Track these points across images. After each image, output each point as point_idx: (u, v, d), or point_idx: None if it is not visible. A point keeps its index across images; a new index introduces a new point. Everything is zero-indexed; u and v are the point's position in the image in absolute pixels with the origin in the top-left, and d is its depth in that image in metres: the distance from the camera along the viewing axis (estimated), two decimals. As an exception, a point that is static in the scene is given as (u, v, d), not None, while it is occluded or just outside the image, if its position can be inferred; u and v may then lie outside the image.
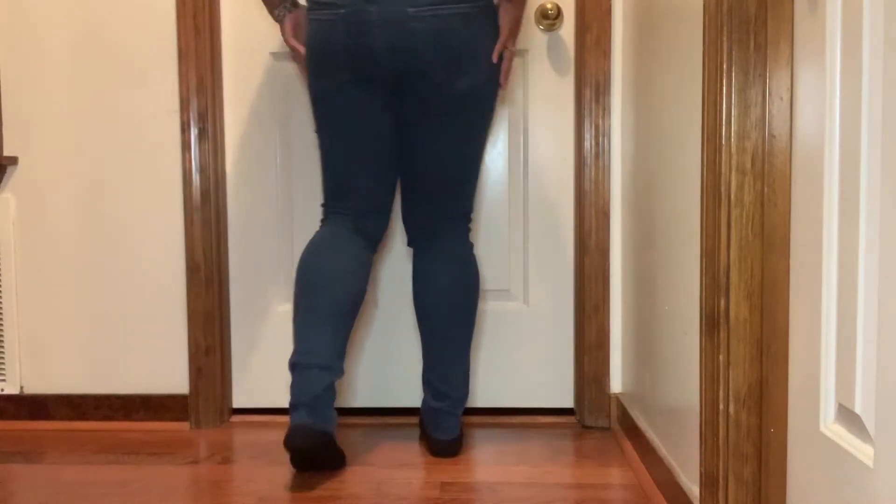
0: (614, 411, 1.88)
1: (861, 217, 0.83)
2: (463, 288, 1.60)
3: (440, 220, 1.61)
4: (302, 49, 1.57)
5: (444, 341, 1.62)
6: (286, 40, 1.60)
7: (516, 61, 1.92)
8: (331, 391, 1.49)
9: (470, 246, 1.64)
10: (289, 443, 1.44)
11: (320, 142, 1.61)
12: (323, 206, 1.64)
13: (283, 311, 1.98)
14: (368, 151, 1.57)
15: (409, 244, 1.66)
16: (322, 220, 1.64)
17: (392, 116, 1.57)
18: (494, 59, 1.50)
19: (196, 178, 1.88)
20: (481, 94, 1.55)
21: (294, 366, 1.49)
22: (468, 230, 1.65)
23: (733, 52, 1.05)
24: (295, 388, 1.47)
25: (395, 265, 1.96)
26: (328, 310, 1.50)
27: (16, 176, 1.94)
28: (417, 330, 1.96)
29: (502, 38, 1.51)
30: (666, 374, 1.44)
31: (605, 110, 1.85)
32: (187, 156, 1.87)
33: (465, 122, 1.55)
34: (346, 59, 1.49)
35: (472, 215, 1.67)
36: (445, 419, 1.65)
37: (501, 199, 1.95)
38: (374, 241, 1.63)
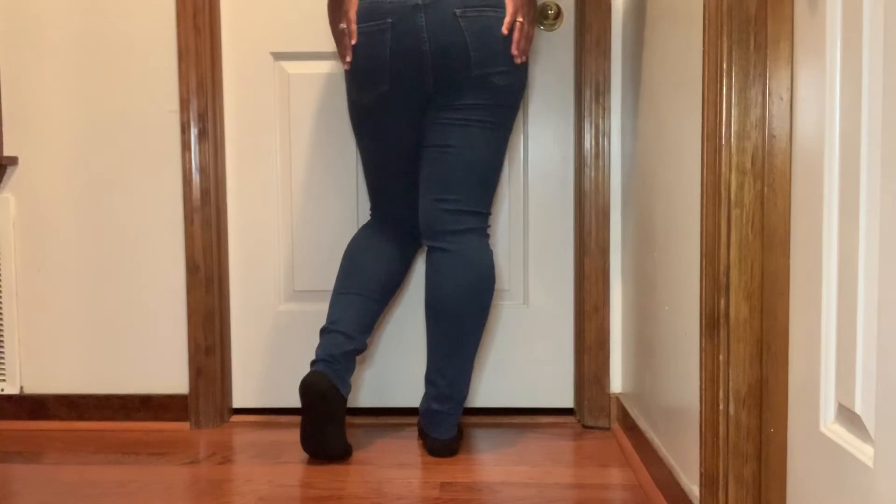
0: (614, 411, 1.88)
1: (861, 217, 0.83)
2: (477, 293, 1.60)
3: (462, 217, 1.61)
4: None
5: (452, 344, 1.62)
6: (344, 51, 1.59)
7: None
8: (349, 358, 1.63)
9: (490, 251, 1.63)
10: (302, 387, 1.57)
11: (360, 151, 1.72)
12: (371, 207, 1.77)
13: (283, 311, 1.98)
14: (406, 160, 1.67)
15: (425, 241, 1.66)
16: (370, 214, 1.78)
17: (421, 124, 1.63)
18: (504, 31, 1.52)
19: (196, 178, 1.88)
20: (513, 95, 1.59)
21: (322, 331, 1.66)
22: (487, 234, 1.66)
23: (733, 52, 1.05)
24: (318, 349, 1.63)
25: (395, 265, 1.96)
26: (357, 288, 1.67)
27: (16, 176, 1.94)
28: (419, 330, 1.97)
29: (510, 12, 1.53)
30: (666, 374, 1.44)
31: (605, 110, 1.85)
32: (187, 156, 1.88)
33: (497, 118, 1.59)
34: (391, 67, 1.53)
35: (490, 219, 1.68)
36: (445, 420, 1.65)
37: (501, 199, 1.95)
38: (417, 235, 1.75)
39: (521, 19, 1.53)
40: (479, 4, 1.51)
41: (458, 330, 1.60)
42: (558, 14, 1.87)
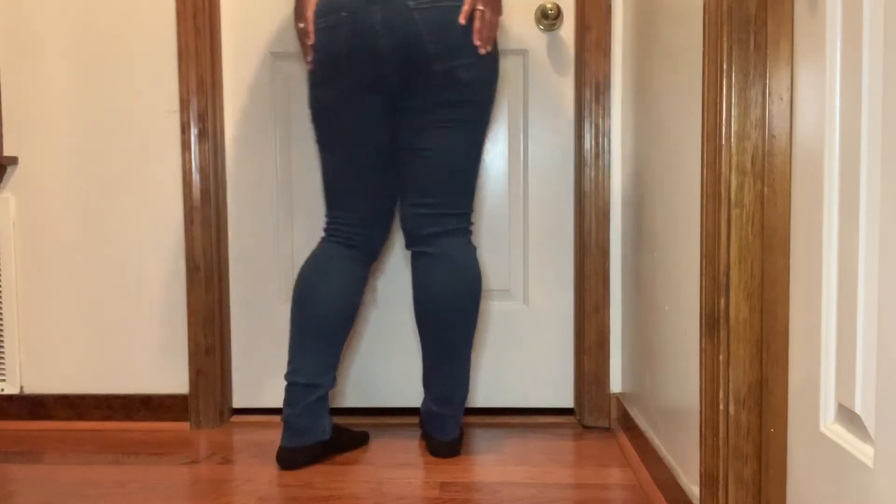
0: (614, 411, 1.88)
1: (861, 217, 0.83)
2: (464, 294, 1.59)
3: (441, 219, 1.60)
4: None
5: (445, 347, 1.61)
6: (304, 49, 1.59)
7: (516, 59, 1.92)
8: (318, 404, 1.59)
9: (472, 249, 1.63)
10: (279, 463, 1.61)
11: (321, 154, 1.64)
12: (327, 216, 1.67)
13: (283, 311, 1.98)
14: (369, 163, 1.60)
15: (408, 247, 1.65)
16: (325, 230, 1.67)
17: (391, 126, 1.59)
18: (462, 20, 1.48)
19: (196, 178, 1.88)
20: (482, 89, 1.55)
21: (286, 378, 1.61)
22: (469, 232, 1.64)
23: (733, 52, 1.05)
24: (284, 404, 1.60)
25: (395, 266, 1.96)
26: (316, 330, 1.59)
27: (16, 176, 1.94)
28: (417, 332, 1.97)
29: (468, 0, 1.47)
30: (666, 374, 1.44)
31: (605, 110, 1.85)
32: (187, 156, 1.87)
33: (468, 115, 1.56)
34: (350, 63, 1.50)
35: (473, 217, 1.66)
36: (446, 421, 1.65)
37: (501, 199, 1.95)
38: (373, 252, 1.67)
39: (480, 7, 1.48)
40: None
41: (449, 332, 1.60)
42: (558, 14, 1.87)
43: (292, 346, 1.60)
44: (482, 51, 1.51)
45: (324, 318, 1.59)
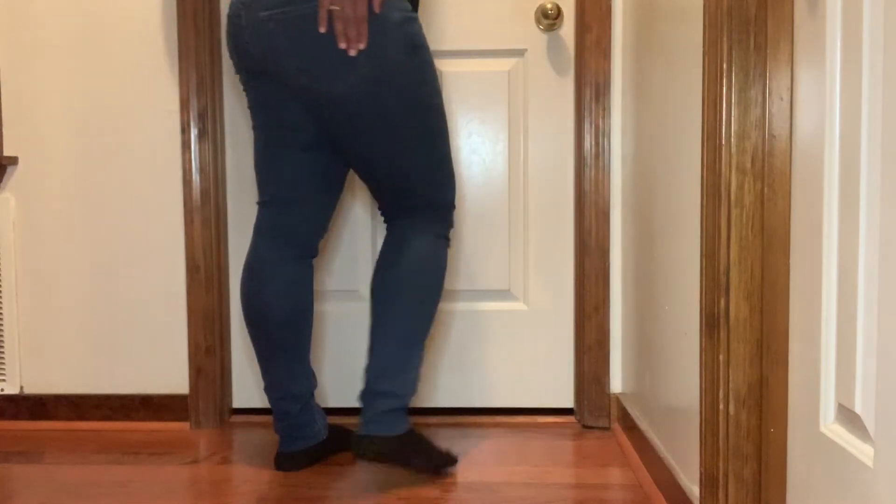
0: (614, 411, 1.88)
1: (861, 217, 0.83)
2: (418, 278, 1.47)
3: (403, 212, 1.51)
4: None
5: (387, 330, 1.47)
6: None
7: (516, 59, 1.92)
8: (305, 411, 1.57)
9: (437, 240, 1.50)
10: (278, 469, 1.59)
11: (253, 137, 1.54)
12: (257, 203, 1.55)
13: (283, 311, 1.98)
14: (287, 140, 1.46)
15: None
16: (255, 223, 1.54)
17: (308, 110, 1.44)
18: (322, 28, 1.30)
19: (196, 178, 1.88)
20: (381, 94, 1.36)
21: (265, 393, 1.58)
22: (441, 221, 1.52)
23: (733, 52, 1.05)
24: (273, 417, 1.58)
25: (395, 265, 1.96)
26: (272, 344, 1.51)
27: (16, 176, 1.94)
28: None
29: (321, 3, 1.30)
30: (666, 374, 1.44)
31: (605, 110, 1.85)
32: (187, 156, 1.87)
33: (378, 127, 1.40)
34: (240, 56, 1.45)
35: (452, 206, 1.54)
36: (373, 402, 1.49)
37: (501, 199, 1.95)
38: (308, 245, 1.53)
39: (334, 7, 1.28)
40: (283, 4, 1.33)
41: (396, 317, 1.47)
42: (558, 14, 1.87)
43: (259, 361, 1.54)
44: (352, 52, 1.31)
45: (275, 331, 1.49)
